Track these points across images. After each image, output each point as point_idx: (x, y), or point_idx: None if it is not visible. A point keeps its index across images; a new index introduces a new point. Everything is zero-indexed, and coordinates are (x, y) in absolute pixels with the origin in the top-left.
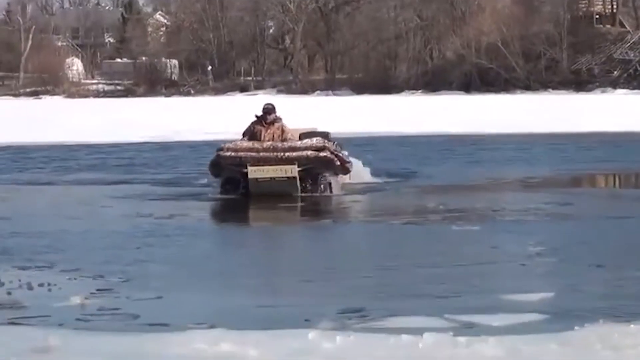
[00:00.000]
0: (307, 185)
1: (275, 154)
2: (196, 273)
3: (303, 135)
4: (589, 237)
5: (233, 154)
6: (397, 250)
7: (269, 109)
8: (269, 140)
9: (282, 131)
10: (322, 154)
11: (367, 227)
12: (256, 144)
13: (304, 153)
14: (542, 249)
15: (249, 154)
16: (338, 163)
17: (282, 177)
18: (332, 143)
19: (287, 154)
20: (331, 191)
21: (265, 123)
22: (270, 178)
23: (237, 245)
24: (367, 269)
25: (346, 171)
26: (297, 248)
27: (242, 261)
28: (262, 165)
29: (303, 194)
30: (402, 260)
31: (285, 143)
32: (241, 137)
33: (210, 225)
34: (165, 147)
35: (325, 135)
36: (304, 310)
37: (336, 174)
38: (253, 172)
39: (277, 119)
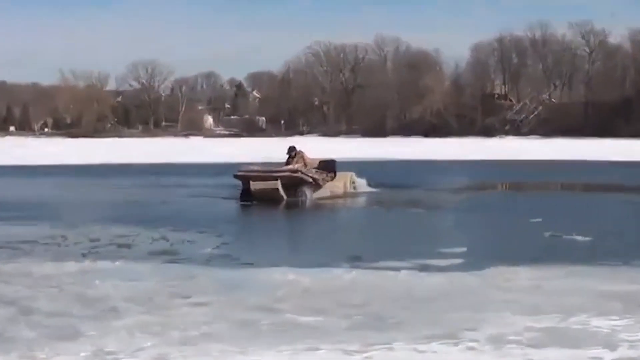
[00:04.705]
0: (292, 193)
1: (267, 174)
2: (267, 239)
3: (321, 162)
4: (485, 217)
5: (242, 173)
6: (376, 223)
7: (290, 149)
8: (296, 166)
9: (303, 160)
10: (294, 174)
11: (353, 211)
12: (257, 168)
13: (284, 174)
14: (455, 223)
15: (251, 173)
16: (310, 180)
17: (269, 188)
18: (307, 168)
19: (273, 174)
20: (306, 198)
21: (291, 157)
22: (262, 189)
23: (280, 223)
24: (358, 235)
25: (318, 186)
26: (312, 225)
27: (286, 233)
28: (258, 181)
29: (288, 199)
30: (378, 229)
31: (278, 167)
32: (284, 164)
33: (258, 212)
34: None
35: (332, 162)
36: (330, 258)
37: (311, 187)
38: (252, 184)
39: (299, 152)
